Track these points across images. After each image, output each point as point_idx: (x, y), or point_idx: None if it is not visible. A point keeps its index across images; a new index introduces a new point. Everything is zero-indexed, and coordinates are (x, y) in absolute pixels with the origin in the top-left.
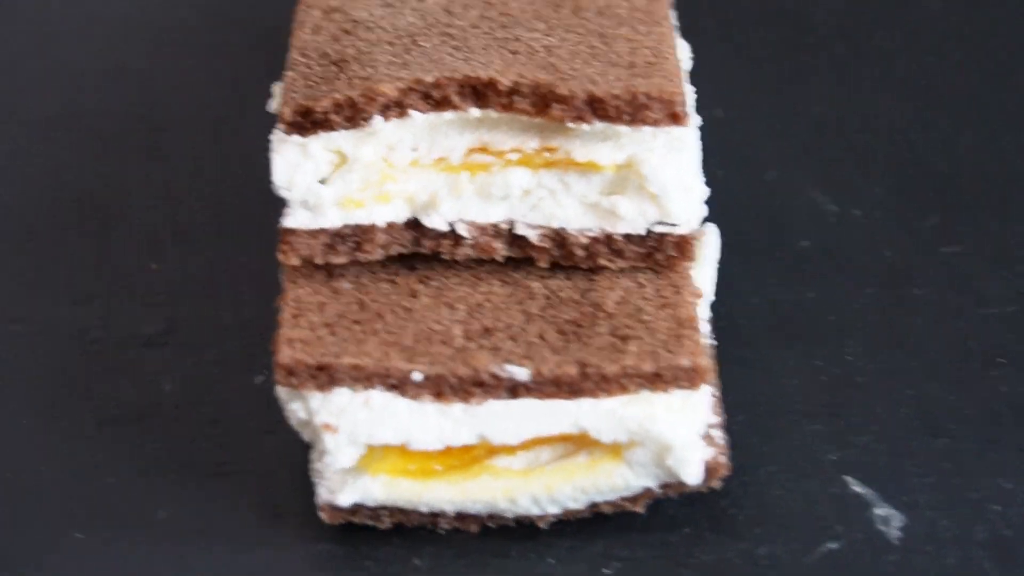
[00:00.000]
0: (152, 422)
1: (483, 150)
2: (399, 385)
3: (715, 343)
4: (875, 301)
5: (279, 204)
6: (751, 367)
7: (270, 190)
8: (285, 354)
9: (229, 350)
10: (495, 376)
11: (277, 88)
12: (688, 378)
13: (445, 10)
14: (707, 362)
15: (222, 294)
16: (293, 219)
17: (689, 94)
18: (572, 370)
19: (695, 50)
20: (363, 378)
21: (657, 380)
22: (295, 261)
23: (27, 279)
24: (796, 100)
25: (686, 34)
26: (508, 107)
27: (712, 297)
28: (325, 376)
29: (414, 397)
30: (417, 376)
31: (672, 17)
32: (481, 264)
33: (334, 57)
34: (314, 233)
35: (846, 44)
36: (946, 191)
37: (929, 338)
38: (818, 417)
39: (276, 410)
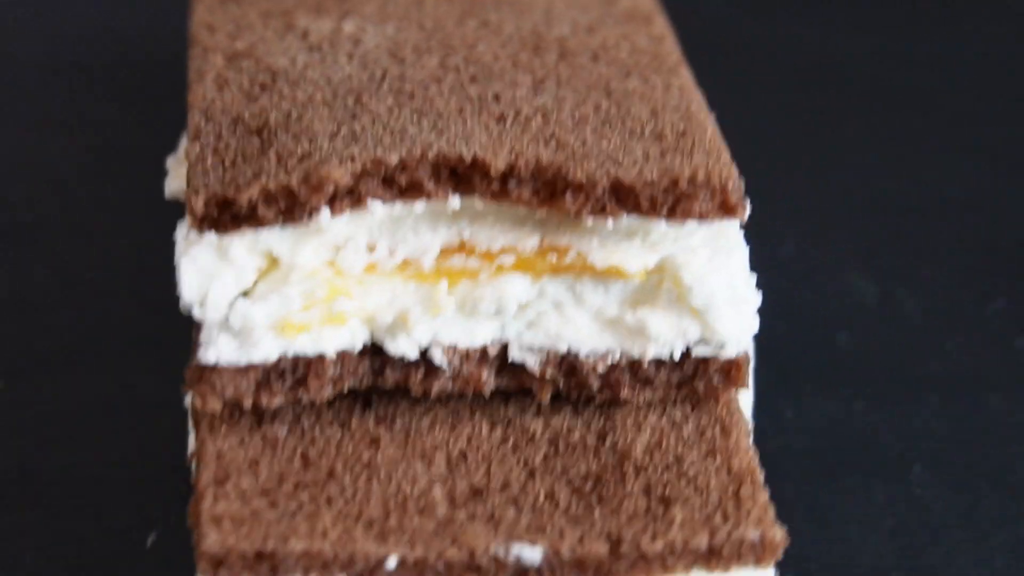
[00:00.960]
0: None
1: (464, 249)
2: (368, 575)
3: None
4: (941, 412)
5: (177, 318)
6: (797, 509)
7: (162, 296)
8: (212, 539)
9: (109, 501)
10: (497, 560)
11: (174, 163)
12: (755, 555)
13: (392, 55)
14: (779, 533)
15: (92, 427)
16: (213, 351)
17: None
18: (600, 548)
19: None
20: (319, 567)
21: (714, 558)
22: (216, 406)
23: None
24: (823, 160)
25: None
26: (501, 195)
27: (752, 422)
28: (267, 567)
29: None
30: (392, 563)
31: (683, 60)
32: (460, 398)
33: (253, 124)
34: (242, 370)
35: (882, 93)
36: (1013, 269)
37: (1018, 459)
38: (888, 574)
39: None
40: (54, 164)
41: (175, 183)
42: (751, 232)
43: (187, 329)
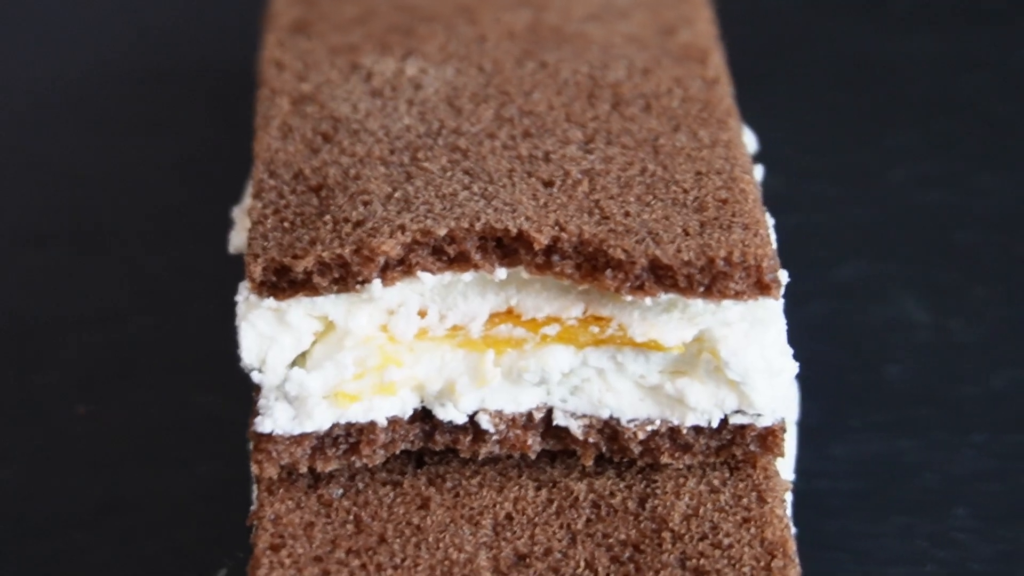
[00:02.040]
0: None
1: (511, 316)
2: None
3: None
4: (987, 452)
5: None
6: (838, 550)
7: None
8: None
9: (186, 532)
10: None
11: (239, 215)
12: None
13: (449, 104)
14: None
15: (170, 456)
16: (269, 421)
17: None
18: None
19: (748, 108)
20: None
21: None
22: (273, 473)
23: None
24: (876, 176)
25: (739, 93)
26: (545, 268)
27: (793, 476)
28: None
29: None
30: None
31: (733, 106)
32: (508, 458)
33: (313, 181)
34: (297, 439)
35: (939, 106)
36: None
37: None
38: None
39: None
40: (134, 171)
41: (239, 237)
42: (809, 254)
43: None
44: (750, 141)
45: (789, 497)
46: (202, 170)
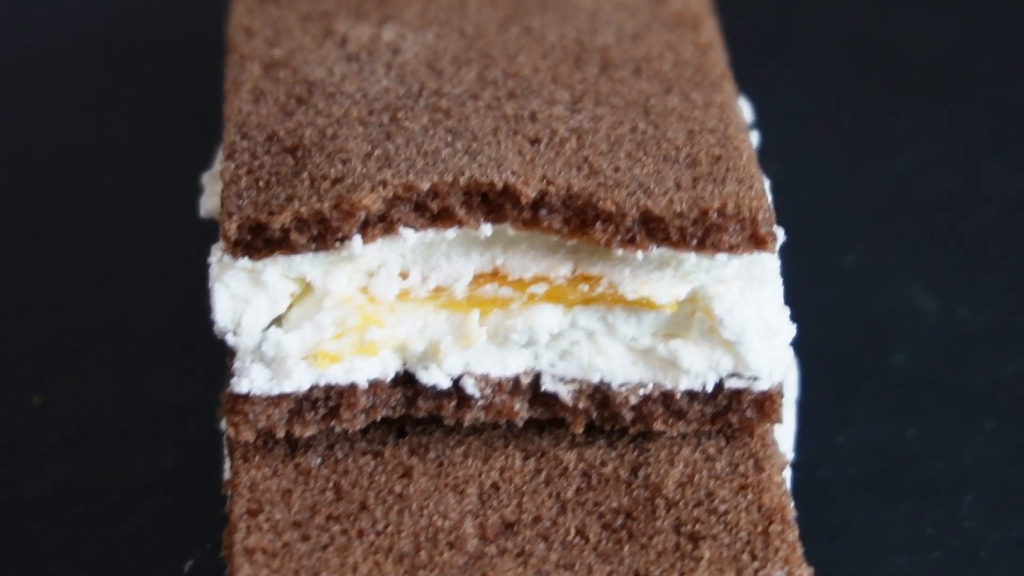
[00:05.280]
0: None
1: (496, 276)
2: None
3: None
4: (996, 439)
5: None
6: (843, 538)
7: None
8: (244, 573)
9: (147, 521)
10: None
11: (209, 180)
12: None
13: (430, 67)
14: (806, 572)
15: (128, 439)
16: (246, 381)
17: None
18: None
19: (747, 90)
20: None
21: None
22: (250, 436)
23: None
24: (880, 159)
25: (737, 72)
26: (532, 224)
27: (792, 454)
28: None
29: None
30: None
31: (728, 71)
32: (494, 427)
33: (288, 142)
34: (275, 400)
35: (947, 84)
36: None
37: None
38: None
39: None
40: (87, 151)
41: (210, 201)
42: (813, 240)
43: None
44: (745, 109)
45: (788, 474)
46: (153, 154)
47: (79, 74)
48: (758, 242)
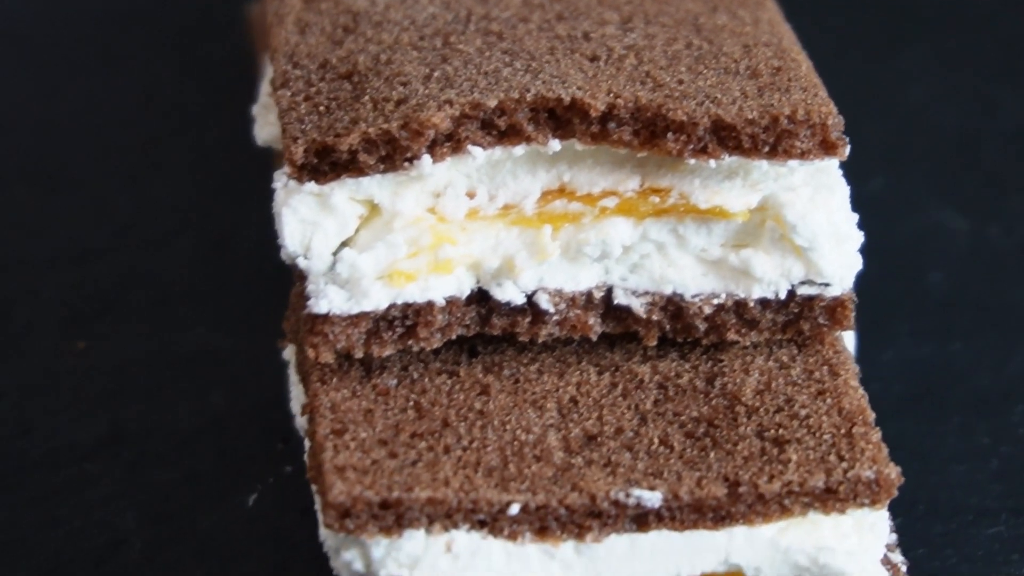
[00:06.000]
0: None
1: (564, 192)
2: (491, 522)
3: None
4: None
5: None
6: (900, 452)
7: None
8: (339, 490)
9: (201, 460)
10: (618, 504)
11: (260, 111)
12: (871, 494)
13: None
14: (894, 471)
15: (187, 380)
16: (324, 301)
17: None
18: (719, 491)
19: None
20: (443, 515)
21: (830, 499)
22: (329, 357)
23: None
24: (901, 86)
25: None
26: (601, 137)
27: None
28: (393, 516)
29: (511, 537)
30: (515, 509)
31: None
32: (566, 344)
33: (342, 68)
34: (354, 319)
35: (962, 13)
36: None
37: None
38: (998, 515)
39: (282, 548)
40: (98, 110)
41: (265, 130)
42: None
43: (249, 281)
44: None
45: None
46: (167, 107)
47: (96, 30)
48: (828, 147)
